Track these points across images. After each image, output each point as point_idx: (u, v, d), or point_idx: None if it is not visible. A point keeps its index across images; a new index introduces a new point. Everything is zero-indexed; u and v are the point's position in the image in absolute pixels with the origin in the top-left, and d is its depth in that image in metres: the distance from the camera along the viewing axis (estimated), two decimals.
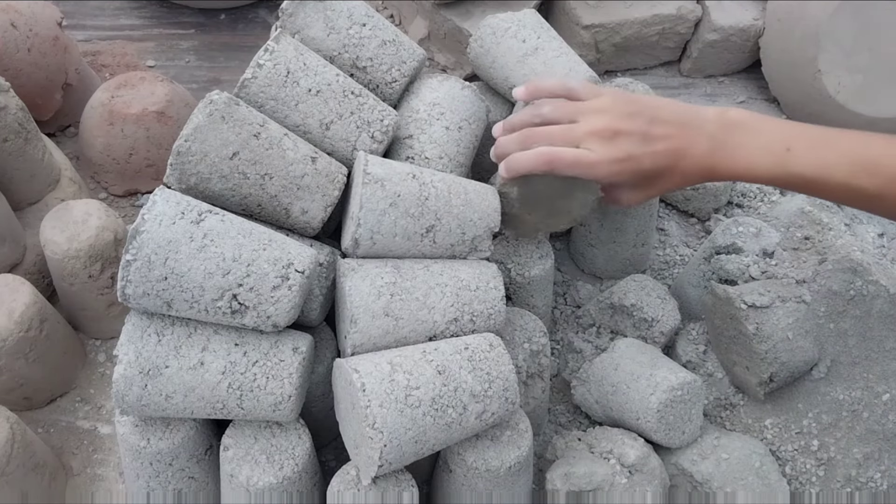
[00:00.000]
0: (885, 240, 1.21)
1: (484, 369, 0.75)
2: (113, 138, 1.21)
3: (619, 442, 0.89)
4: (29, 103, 1.12)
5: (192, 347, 0.75)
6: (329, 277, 0.85)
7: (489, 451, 0.79)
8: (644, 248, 1.16)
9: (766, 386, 0.92)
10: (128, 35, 1.55)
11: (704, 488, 0.89)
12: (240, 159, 0.79)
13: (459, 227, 0.84)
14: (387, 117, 0.89)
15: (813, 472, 0.92)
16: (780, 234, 1.03)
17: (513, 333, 0.91)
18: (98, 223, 1.00)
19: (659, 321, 1.02)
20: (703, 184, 1.21)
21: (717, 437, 0.93)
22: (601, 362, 0.97)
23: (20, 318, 0.93)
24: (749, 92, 1.51)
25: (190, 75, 1.49)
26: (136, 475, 0.82)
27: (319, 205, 0.84)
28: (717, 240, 1.04)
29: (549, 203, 0.92)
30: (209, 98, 0.79)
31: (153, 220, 0.71)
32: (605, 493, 0.84)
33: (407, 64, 0.96)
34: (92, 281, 1.01)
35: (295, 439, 0.79)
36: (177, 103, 1.23)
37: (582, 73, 1.06)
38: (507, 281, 0.98)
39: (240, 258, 0.73)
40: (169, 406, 0.75)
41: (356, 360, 0.74)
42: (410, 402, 0.71)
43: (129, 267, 0.71)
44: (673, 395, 0.89)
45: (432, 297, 0.80)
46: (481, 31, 1.11)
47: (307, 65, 0.87)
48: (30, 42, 1.19)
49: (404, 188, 0.81)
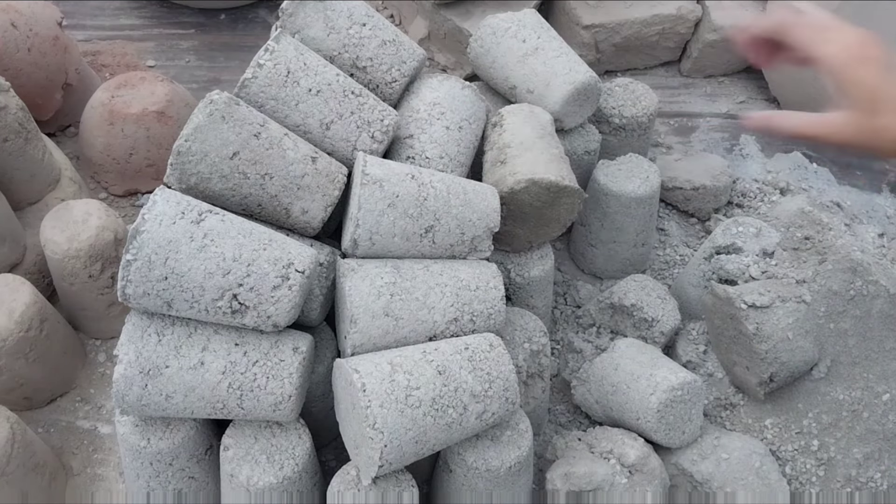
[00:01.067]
0: (885, 240, 1.21)
1: (484, 369, 0.75)
2: (113, 138, 1.21)
3: (619, 442, 0.89)
4: (29, 103, 1.12)
5: (192, 347, 0.75)
6: (329, 277, 0.85)
7: (489, 451, 0.79)
8: (644, 248, 1.16)
9: (766, 386, 0.92)
10: (128, 35, 1.55)
11: (704, 488, 0.89)
12: (240, 159, 0.79)
13: (459, 228, 0.84)
14: (387, 117, 0.89)
15: (813, 472, 0.92)
16: (780, 234, 1.03)
17: (513, 333, 0.91)
18: (98, 223, 1.00)
19: (659, 321, 1.02)
20: (702, 184, 1.21)
21: (717, 437, 0.93)
22: (601, 362, 0.97)
23: (20, 318, 0.93)
24: (749, 92, 1.51)
25: (190, 75, 1.49)
26: (136, 475, 0.82)
27: (320, 205, 0.84)
28: (717, 240, 1.04)
29: (537, 214, 0.92)
30: (209, 98, 0.79)
31: (153, 219, 0.71)
32: (605, 493, 0.84)
33: (407, 64, 0.96)
34: (92, 281, 1.01)
35: (295, 439, 0.79)
36: (177, 103, 1.23)
37: (582, 72, 1.06)
38: (507, 281, 0.98)
39: (240, 258, 0.73)
40: (169, 406, 0.75)
41: (356, 361, 0.74)
42: (411, 403, 0.71)
43: (129, 267, 0.71)
44: (673, 395, 0.89)
45: (432, 297, 0.80)
46: (481, 31, 1.11)
47: (307, 65, 0.87)
48: (30, 42, 1.19)
49: (403, 189, 0.81)
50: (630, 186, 1.08)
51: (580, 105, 1.08)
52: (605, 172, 1.10)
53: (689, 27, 1.46)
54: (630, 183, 1.08)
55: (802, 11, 0.81)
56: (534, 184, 0.89)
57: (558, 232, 0.96)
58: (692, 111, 1.47)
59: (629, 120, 1.17)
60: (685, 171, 1.24)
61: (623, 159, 1.12)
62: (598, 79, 1.08)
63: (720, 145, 1.40)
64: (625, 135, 1.18)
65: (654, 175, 1.09)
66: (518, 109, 0.99)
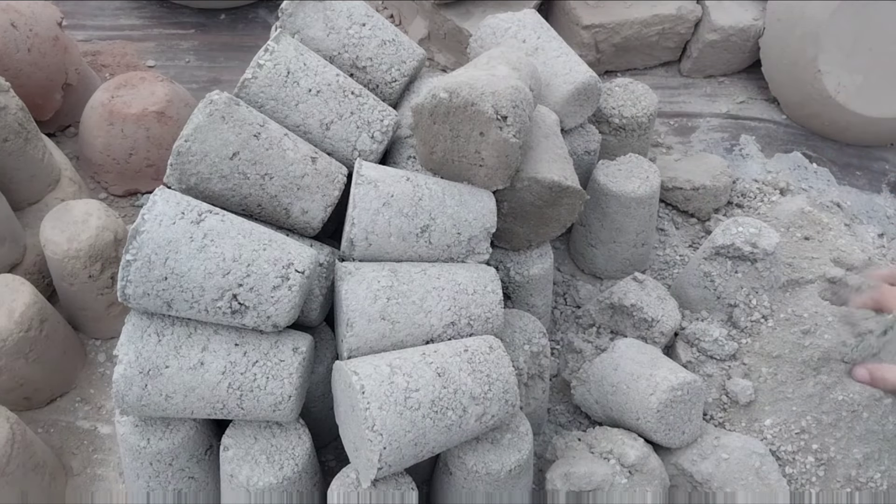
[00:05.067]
0: (885, 240, 1.21)
1: (484, 371, 0.75)
2: (113, 138, 1.21)
3: (619, 442, 0.89)
4: (29, 103, 1.12)
5: (192, 347, 0.75)
6: (329, 278, 0.85)
7: (489, 454, 0.79)
8: (644, 248, 1.16)
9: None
10: (128, 35, 1.55)
11: (704, 488, 0.89)
12: (240, 159, 0.79)
13: (455, 227, 0.84)
14: (387, 117, 0.89)
15: (813, 472, 0.92)
16: (780, 234, 1.03)
17: (513, 335, 0.90)
18: (98, 223, 1.00)
19: (659, 321, 1.02)
20: (702, 184, 1.21)
21: (717, 437, 0.93)
22: (601, 362, 0.97)
23: (20, 318, 0.93)
24: (749, 92, 1.51)
25: (190, 75, 1.49)
26: (136, 475, 0.82)
27: (319, 205, 0.84)
28: (717, 240, 1.04)
29: (538, 213, 0.92)
30: (209, 98, 0.79)
31: (153, 220, 0.71)
32: (605, 493, 0.84)
33: (407, 64, 0.96)
34: (92, 281, 1.01)
35: (295, 439, 0.79)
36: (177, 103, 1.23)
37: (582, 73, 1.06)
38: (507, 280, 0.98)
39: (240, 258, 0.73)
40: (169, 406, 0.75)
41: (355, 363, 0.74)
42: (410, 405, 0.71)
43: (129, 267, 0.71)
44: (673, 395, 0.89)
45: (429, 301, 0.79)
46: (481, 31, 1.11)
47: (307, 65, 0.87)
48: (30, 42, 1.19)
49: (398, 189, 0.81)
50: (630, 186, 1.08)
51: (580, 105, 1.08)
52: (605, 172, 1.10)
53: (689, 27, 1.46)
54: (630, 183, 1.08)
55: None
56: (536, 182, 0.89)
57: (558, 232, 0.96)
58: (692, 111, 1.47)
59: (629, 120, 1.17)
60: (685, 171, 1.24)
61: (623, 159, 1.12)
62: (598, 79, 1.08)
63: (720, 145, 1.40)
64: (625, 135, 1.18)
65: (654, 175, 1.09)
66: None
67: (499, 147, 0.81)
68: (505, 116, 0.79)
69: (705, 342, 1.01)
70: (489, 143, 0.81)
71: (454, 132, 0.82)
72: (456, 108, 0.80)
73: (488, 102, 0.79)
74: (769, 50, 1.42)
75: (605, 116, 1.17)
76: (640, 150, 1.20)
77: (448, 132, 0.82)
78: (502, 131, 0.80)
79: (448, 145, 0.83)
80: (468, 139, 0.82)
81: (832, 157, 1.39)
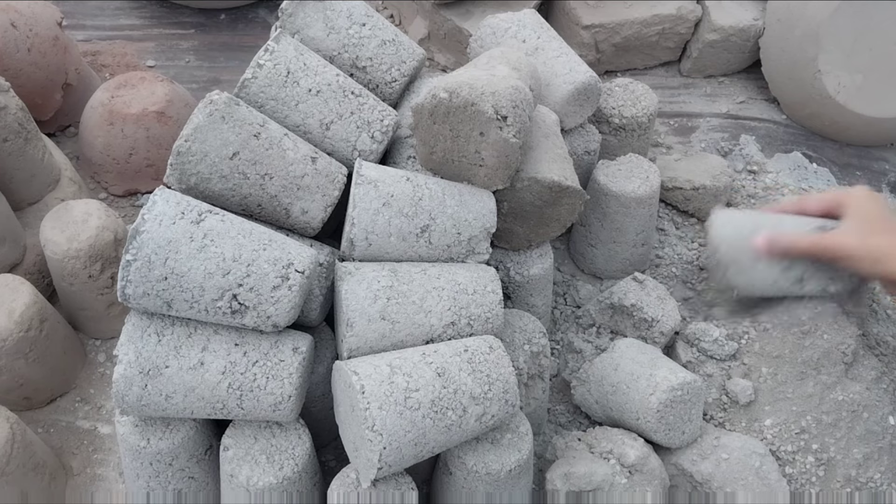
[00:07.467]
0: None
1: (484, 371, 0.75)
2: (113, 138, 1.21)
3: (619, 442, 0.89)
4: (29, 103, 1.12)
5: (192, 347, 0.75)
6: (329, 277, 0.85)
7: (489, 454, 0.79)
8: (644, 248, 1.16)
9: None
10: (128, 35, 1.55)
11: (704, 488, 0.89)
12: (240, 159, 0.79)
13: (455, 227, 0.84)
14: (387, 117, 0.89)
15: (813, 472, 0.92)
16: None
17: (513, 335, 0.90)
18: (98, 223, 1.00)
19: (659, 321, 1.02)
20: (702, 184, 1.21)
21: (717, 437, 0.93)
22: (601, 362, 0.97)
23: (20, 318, 0.93)
24: (749, 92, 1.51)
25: (190, 75, 1.49)
26: (136, 475, 0.82)
27: (319, 205, 0.84)
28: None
29: (538, 213, 0.92)
30: (209, 98, 0.79)
31: (153, 220, 0.71)
32: (605, 493, 0.84)
33: (407, 64, 0.96)
34: (92, 281, 1.01)
35: (295, 439, 0.79)
36: (177, 103, 1.23)
37: (582, 72, 1.06)
38: (507, 279, 0.98)
39: (240, 258, 0.73)
40: (169, 406, 0.75)
41: (355, 363, 0.73)
42: (410, 405, 0.71)
43: (129, 267, 0.71)
44: (673, 395, 0.89)
45: (429, 301, 0.79)
46: (481, 31, 1.11)
47: (307, 65, 0.87)
48: (30, 42, 1.19)
49: (398, 189, 0.81)
50: (630, 186, 1.08)
51: (580, 105, 1.08)
52: (605, 172, 1.10)
53: (689, 27, 1.46)
54: (630, 183, 1.08)
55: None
56: (536, 182, 0.89)
57: (558, 232, 0.96)
58: (692, 111, 1.47)
59: (629, 120, 1.17)
60: (685, 171, 1.24)
61: (623, 159, 1.12)
62: (598, 79, 1.08)
63: (720, 145, 1.40)
64: (625, 135, 1.18)
65: (654, 175, 1.09)
66: None
67: (499, 147, 0.81)
68: (505, 116, 0.79)
69: (705, 342, 1.01)
70: (489, 143, 0.81)
71: (454, 132, 0.82)
72: (456, 108, 0.80)
73: (488, 102, 0.79)
74: (769, 50, 1.42)
75: (605, 116, 1.17)
76: (640, 150, 1.20)
77: (448, 132, 0.82)
78: (502, 131, 0.80)
79: (448, 145, 0.83)
80: (468, 139, 0.82)
81: (832, 157, 1.40)
